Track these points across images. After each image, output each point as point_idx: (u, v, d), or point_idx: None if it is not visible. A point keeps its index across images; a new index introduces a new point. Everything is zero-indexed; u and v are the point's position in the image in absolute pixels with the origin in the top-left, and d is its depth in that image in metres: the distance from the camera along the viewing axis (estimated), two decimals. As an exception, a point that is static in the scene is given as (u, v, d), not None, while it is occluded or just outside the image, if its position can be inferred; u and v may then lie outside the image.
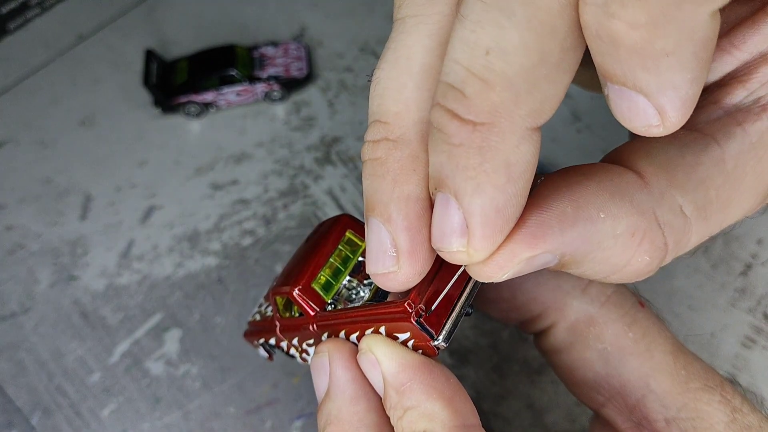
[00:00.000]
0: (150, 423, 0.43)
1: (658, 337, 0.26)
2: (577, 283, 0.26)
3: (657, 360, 0.25)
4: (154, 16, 0.67)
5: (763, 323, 0.43)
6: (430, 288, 0.22)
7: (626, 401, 0.26)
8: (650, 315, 0.27)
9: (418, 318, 0.21)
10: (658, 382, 0.25)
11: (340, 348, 0.24)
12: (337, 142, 0.55)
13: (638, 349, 0.25)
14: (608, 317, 0.26)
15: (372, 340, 0.23)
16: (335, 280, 0.26)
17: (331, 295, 0.26)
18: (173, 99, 0.56)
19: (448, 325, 0.22)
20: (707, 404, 0.25)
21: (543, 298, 0.26)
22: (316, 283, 0.26)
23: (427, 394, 0.22)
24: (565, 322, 0.26)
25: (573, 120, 0.54)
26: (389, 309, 0.22)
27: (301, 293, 0.25)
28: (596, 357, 0.26)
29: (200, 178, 0.54)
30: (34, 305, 0.49)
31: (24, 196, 0.55)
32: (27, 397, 0.45)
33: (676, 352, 0.26)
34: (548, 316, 0.26)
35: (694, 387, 0.25)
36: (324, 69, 0.61)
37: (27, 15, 0.67)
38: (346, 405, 0.23)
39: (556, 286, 0.26)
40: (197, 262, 0.50)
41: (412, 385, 0.22)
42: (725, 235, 0.47)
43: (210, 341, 0.46)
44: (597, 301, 0.26)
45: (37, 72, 0.63)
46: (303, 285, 0.25)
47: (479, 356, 0.43)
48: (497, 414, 0.41)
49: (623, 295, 0.26)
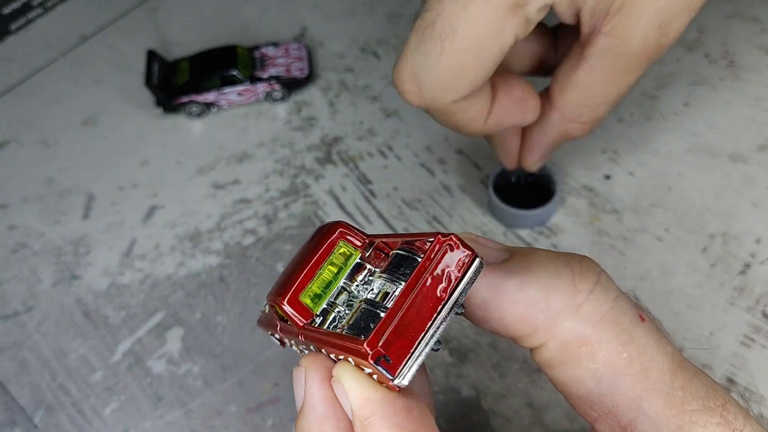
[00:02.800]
0: (152, 421, 0.43)
1: (656, 355, 0.25)
2: (570, 302, 0.25)
3: (653, 380, 0.24)
4: (156, 16, 0.67)
5: (762, 322, 0.43)
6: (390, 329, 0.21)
7: (618, 421, 0.25)
8: (649, 330, 0.25)
9: (376, 360, 0.21)
10: (651, 404, 0.24)
11: (318, 366, 0.24)
12: (338, 141, 0.56)
13: (632, 369, 0.24)
14: (602, 337, 0.25)
15: (342, 368, 0.23)
16: (325, 291, 0.26)
17: (319, 307, 0.26)
18: (175, 99, 0.57)
19: (409, 364, 0.21)
20: (703, 427, 0.23)
21: (533, 319, 0.25)
22: (304, 295, 0.26)
23: (387, 429, 0.22)
24: (556, 342, 0.25)
25: (573, 120, 0.55)
26: (349, 344, 0.22)
27: (289, 306, 0.25)
28: (588, 376, 0.25)
29: (202, 178, 0.55)
30: (37, 304, 0.49)
31: (26, 196, 0.55)
32: (30, 396, 0.45)
33: (675, 371, 0.25)
34: (539, 336, 0.25)
35: (690, 409, 0.24)
36: (325, 69, 0.61)
37: (29, 15, 0.67)
38: (315, 423, 0.23)
39: (546, 307, 0.25)
40: (199, 261, 0.50)
41: (374, 420, 0.22)
42: (724, 234, 0.47)
43: (211, 340, 0.46)
44: (591, 321, 0.25)
45: (39, 72, 0.64)
46: (290, 298, 0.26)
47: (479, 355, 0.44)
48: (497, 412, 0.42)
49: (621, 310, 0.25)
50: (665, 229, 0.48)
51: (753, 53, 0.57)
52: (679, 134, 0.53)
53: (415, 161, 0.54)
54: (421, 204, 0.51)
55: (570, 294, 0.25)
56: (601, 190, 0.50)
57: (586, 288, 0.25)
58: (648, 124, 0.54)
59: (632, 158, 0.52)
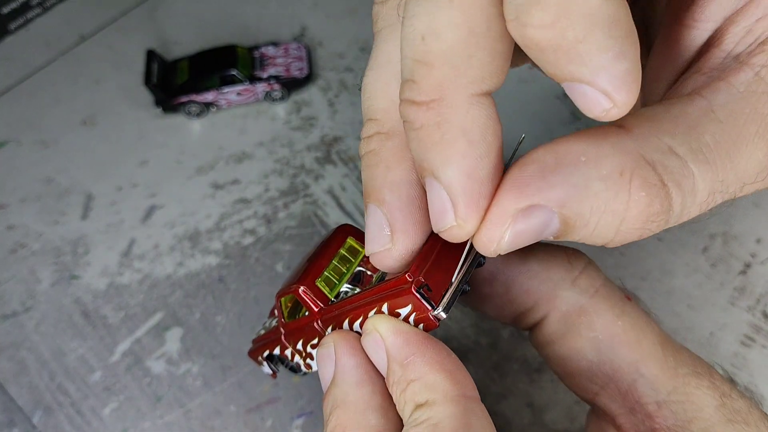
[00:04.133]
0: (151, 421, 0.43)
1: (646, 328, 0.27)
2: (566, 275, 0.27)
3: (646, 348, 0.26)
4: (156, 16, 0.67)
5: (762, 322, 0.43)
6: (428, 264, 0.23)
7: (618, 387, 0.26)
8: (638, 308, 0.28)
9: (419, 288, 0.22)
10: (648, 368, 0.26)
11: (345, 337, 0.25)
12: (338, 141, 0.56)
13: (628, 337, 0.26)
14: (598, 307, 0.27)
15: (376, 319, 0.24)
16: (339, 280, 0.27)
17: (334, 293, 0.27)
18: (174, 99, 0.57)
19: (447, 297, 0.23)
20: (696, 388, 0.25)
21: (534, 290, 0.27)
22: (320, 281, 0.27)
23: (429, 366, 0.22)
24: (557, 312, 0.27)
25: (572, 119, 0.55)
26: (390, 284, 0.23)
27: (307, 290, 0.27)
28: (588, 346, 0.27)
29: (201, 178, 0.54)
30: (36, 304, 0.49)
31: (25, 196, 0.55)
32: (28, 396, 0.45)
33: (664, 342, 0.27)
34: (540, 307, 0.27)
35: (683, 372, 0.26)
36: (324, 69, 0.61)
37: (28, 15, 0.67)
38: (351, 389, 0.24)
39: (547, 278, 0.27)
40: (198, 261, 0.50)
41: (415, 359, 0.22)
42: (724, 234, 0.47)
43: (211, 340, 0.46)
44: (587, 293, 0.27)
45: (38, 72, 0.64)
46: (308, 283, 0.27)
47: (479, 355, 0.44)
48: (497, 412, 0.41)
49: (611, 288, 0.28)
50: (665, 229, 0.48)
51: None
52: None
53: (414, 161, 0.54)
54: (420, 204, 0.51)
55: (566, 269, 0.27)
56: (601, 189, 0.50)
57: (580, 265, 0.28)
58: (648, 124, 0.54)
59: (632, 158, 0.52)
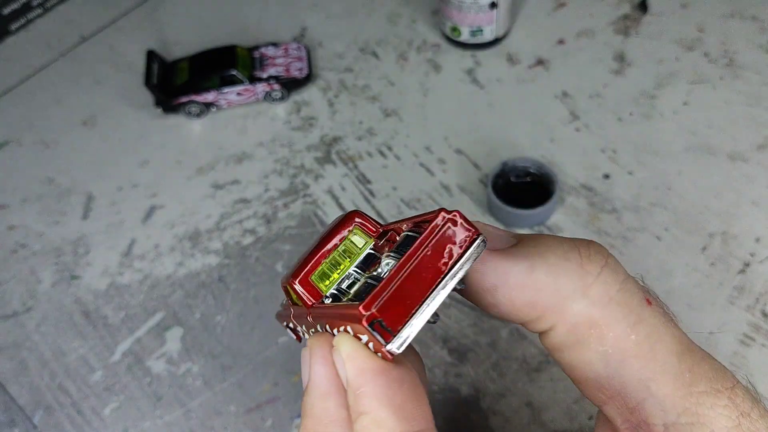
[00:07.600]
0: (151, 421, 0.43)
1: (664, 336, 0.25)
2: (578, 285, 0.25)
3: (660, 361, 0.24)
4: (156, 16, 0.67)
5: (761, 321, 0.43)
6: (390, 292, 0.21)
7: (626, 402, 0.25)
8: (657, 313, 0.25)
9: (371, 323, 0.21)
10: (659, 386, 0.24)
11: (322, 343, 0.24)
12: (337, 141, 0.56)
13: (641, 351, 0.25)
14: (611, 318, 0.25)
15: (340, 339, 0.23)
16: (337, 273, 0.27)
17: (329, 289, 0.26)
18: (174, 99, 0.57)
19: (404, 332, 0.21)
20: (710, 408, 0.24)
21: (541, 302, 0.25)
22: (315, 276, 0.26)
23: (378, 401, 0.22)
24: (565, 324, 0.25)
25: (571, 119, 0.55)
26: (346, 310, 0.22)
27: (300, 285, 0.26)
28: (597, 359, 0.25)
29: (201, 178, 0.55)
30: (36, 304, 0.49)
31: (26, 196, 0.55)
32: (29, 396, 0.45)
33: (683, 353, 0.25)
34: (547, 319, 0.26)
35: (698, 390, 0.24)
36: (324, 69, 0.61)
37: (29, 16, 0.67)
38: (318, 400, 0.24)
39: (555, 290, 0.25)
40: (198, 261, 0.50)
41: (365, 391, 0.22)
42: (723, 234, 0.47)
43: (211, 340, 0.46)
44: (599, 303, 0.25)
45: (38, 72, 0.64)
46: (301, 278, 0.26)
47: (478, 354, 0.44)
48: (496, 411, 0.42)
49: (629, 292, 0.25)
50: (665, 229, 0.48)
51: (752, 52, 0.57)
52: (678, 133, 0.53)
53: (414, 161, 0.54)
54: (420, 203, 0.51)
55: (578, 276, 0.25)
56: (600, 189, 0.50)
57: (594, 270, 0.25)
58: (647, 124, 0.54)
59: (631, 157, 0.52)
